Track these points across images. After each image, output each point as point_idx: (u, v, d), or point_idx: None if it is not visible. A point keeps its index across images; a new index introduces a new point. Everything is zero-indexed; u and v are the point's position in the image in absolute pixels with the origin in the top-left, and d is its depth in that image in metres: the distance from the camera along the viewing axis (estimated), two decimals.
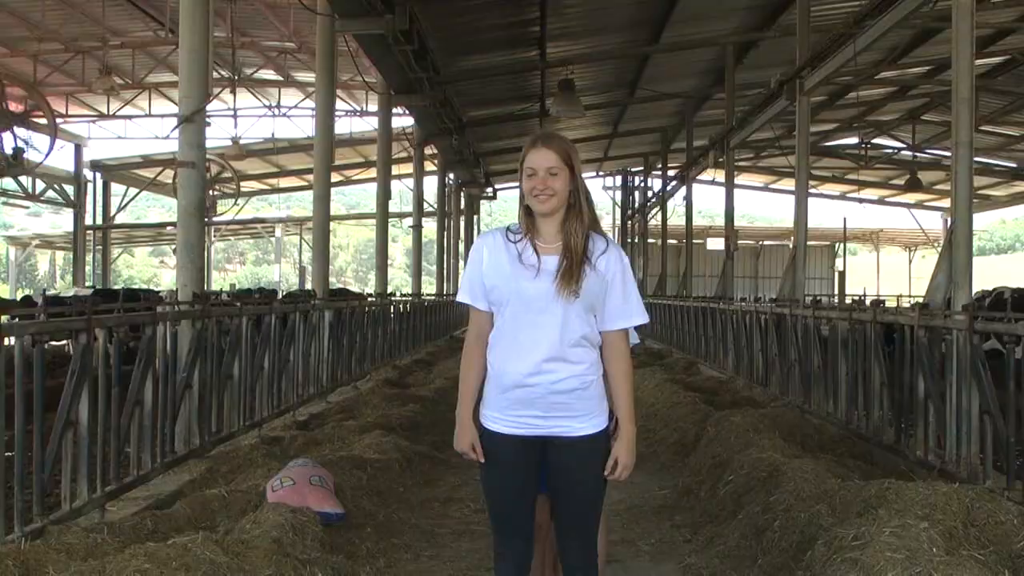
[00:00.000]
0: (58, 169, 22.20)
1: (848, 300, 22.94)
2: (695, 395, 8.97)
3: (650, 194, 27.86)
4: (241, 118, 21.29)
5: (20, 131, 14.20)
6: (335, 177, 18.73)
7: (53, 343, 7.30)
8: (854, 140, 24.83)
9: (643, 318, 2.80)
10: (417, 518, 5.27)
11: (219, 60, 16.47)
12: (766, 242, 37.61)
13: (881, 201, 32.85)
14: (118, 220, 27.67)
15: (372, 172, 20.28)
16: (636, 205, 29.00)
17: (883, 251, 40.64)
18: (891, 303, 20.00)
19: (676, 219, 26.59)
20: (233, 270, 72.04)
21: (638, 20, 13.96)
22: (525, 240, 2.76)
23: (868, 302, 8.60)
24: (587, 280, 2.68)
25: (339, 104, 19.24)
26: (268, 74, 19.93)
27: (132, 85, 19.67)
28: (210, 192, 21.94)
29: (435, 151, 21.21)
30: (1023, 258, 54.01)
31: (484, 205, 32.47)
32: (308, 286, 22.86)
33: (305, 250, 32.95)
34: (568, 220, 2.75)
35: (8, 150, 14.57)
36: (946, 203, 25.12)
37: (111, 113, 21.76)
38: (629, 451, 2.77)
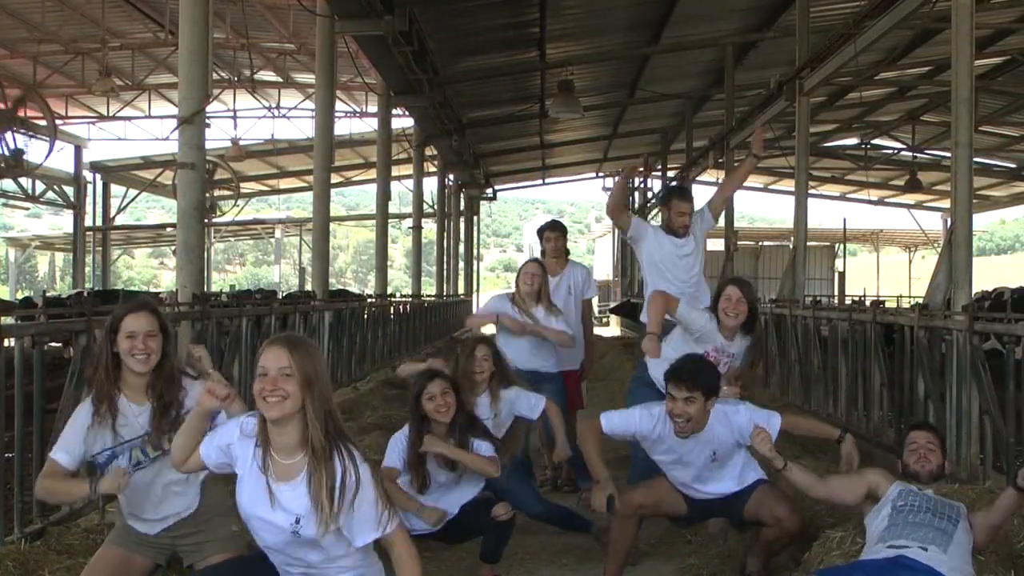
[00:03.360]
0: (58, 171, 22.19)
1: (848, 301, 22.97)
2: None
3: (650, 195, 27.83)
4: (241, 119, 21.29)
5: (20, 132, 14.19)
6: (335, 178, 18.72)
7: (52, 344, 7.28)
8: (854, 141, 24.80)
9: None
10: None
11: (219, 61, 16.51)
12: (766, 243, 37.49)
13: (881, 202, 32.80)
14: (118, 221, 27.64)
15: (372, 173, 20.26)
16: (636, 206, 28.92)
17: (883, 252, 40.60)
18: (891, 304, 20.04)
19: None
20: (233, 271, 72.10)
21: (638, 21, 13.96)
22: None
23: (868, 302, 8.61)
24: None
25: (339, 105, 19.23)
26: (268, 75, 19.93)
27: (132, 87, 19.66)
28: (211, 193, 21.97)
29: (435, 152, 21.20)
30: (1023, 258, 53.99)
31: (484, 206, 32.48)
32: (308, 287, 22.84)
33: (305, 251, 32.91)
34: None
35: (8, 151, 14.57)
36: (946, 203, 25.05)
37: (111, 115, 21.75)
38: None
